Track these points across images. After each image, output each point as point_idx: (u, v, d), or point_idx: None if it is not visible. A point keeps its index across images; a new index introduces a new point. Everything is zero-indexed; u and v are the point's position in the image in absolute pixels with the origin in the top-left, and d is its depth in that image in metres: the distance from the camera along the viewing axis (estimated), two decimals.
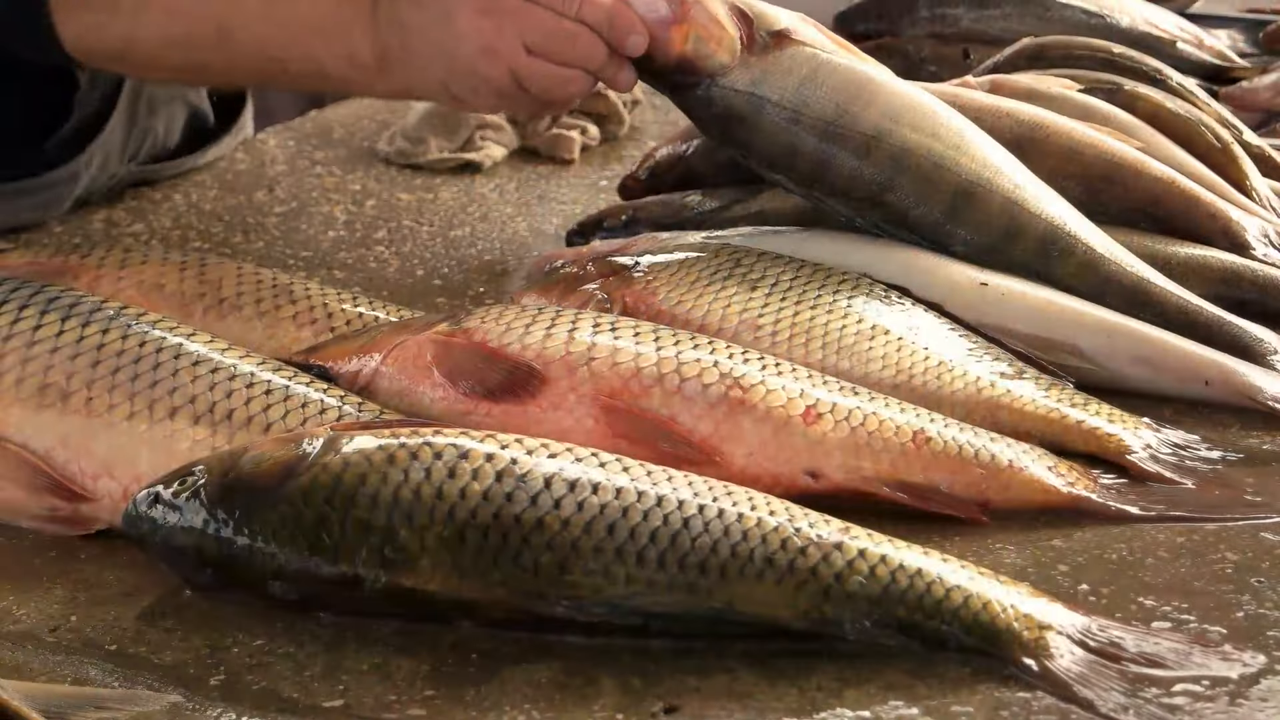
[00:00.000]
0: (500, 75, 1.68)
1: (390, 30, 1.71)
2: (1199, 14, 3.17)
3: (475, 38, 1.68)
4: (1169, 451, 1.59)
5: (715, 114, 1.77)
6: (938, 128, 1.79)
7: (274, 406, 1.40)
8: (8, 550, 1.39)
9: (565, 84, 1.70)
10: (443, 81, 1.72)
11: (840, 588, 1.25)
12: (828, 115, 1.76)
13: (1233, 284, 1.87)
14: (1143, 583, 1.38)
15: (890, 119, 1.77)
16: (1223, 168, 2.05)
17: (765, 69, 1.76)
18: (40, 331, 1.43)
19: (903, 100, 1.79)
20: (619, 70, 1.72)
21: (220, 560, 1.27)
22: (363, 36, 1.72)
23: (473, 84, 1.70)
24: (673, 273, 1.68)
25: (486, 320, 1.50)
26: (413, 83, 1.75)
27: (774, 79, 1.76)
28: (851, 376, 1.58)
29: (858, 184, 1.77)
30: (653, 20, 1.71)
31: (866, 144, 1.76)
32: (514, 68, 1.68)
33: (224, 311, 1.63)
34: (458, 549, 1.24)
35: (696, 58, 1.73)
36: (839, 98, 1.77)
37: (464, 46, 1.68)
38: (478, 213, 2.29)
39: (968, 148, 1.79)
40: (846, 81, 1.78)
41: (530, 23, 1.67)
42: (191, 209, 2.26)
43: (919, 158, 1.76)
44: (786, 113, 1.75)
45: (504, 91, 1.70)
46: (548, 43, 1.68)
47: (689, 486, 1.29)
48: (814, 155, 1.76)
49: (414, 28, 1.70)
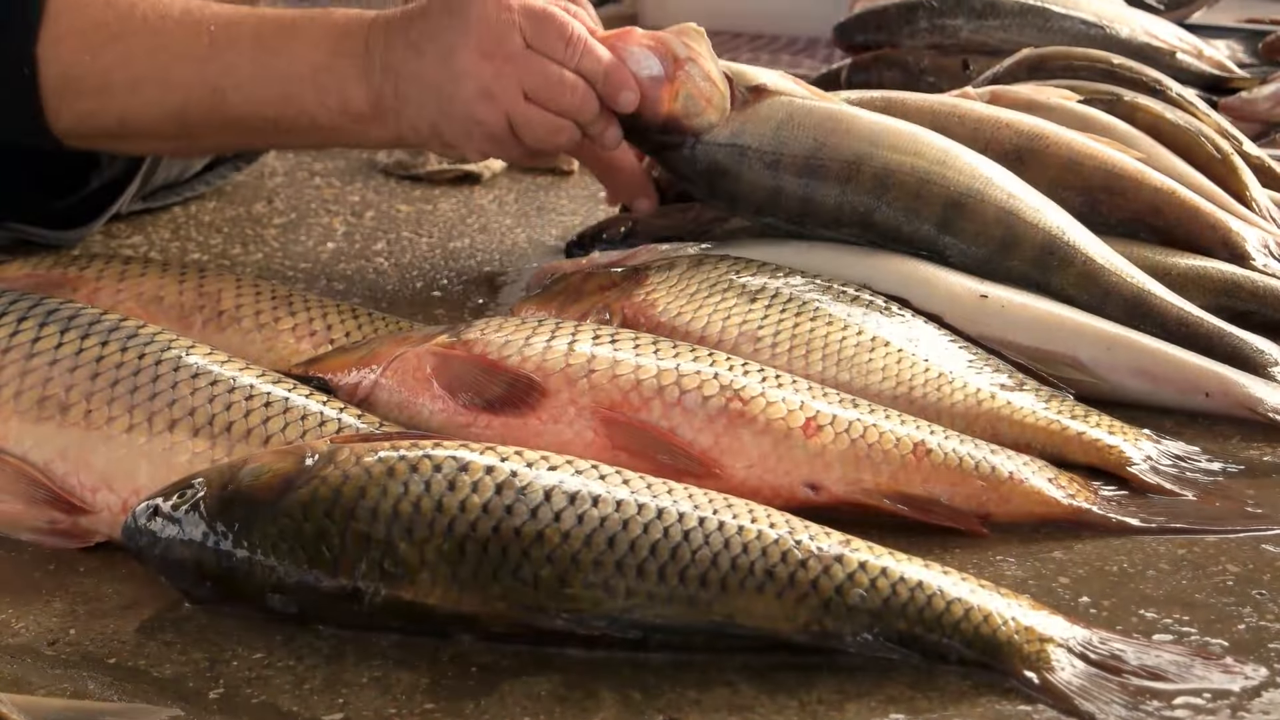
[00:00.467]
0: (496, 120, 1.70)
1: (385, 77, 1.72)
2: (1198, 25, 3.18)
3: (475, 80, 1.69)
4: (1169, 463, 1.59)
5: (700, 170, 1.80)
6: (919, 146, 1.80)
7: (273, 419, 1.40)
8: (7, 563, 1.38)
9: (556, 133, 1.72)
10: (435, 125, 1.73)
11: (841, 601, 1.25)
12: (807, 151, 1.78)
13: (1233, 295, 1.87)
14: (1144, 595, 1.38)
15: (870, 143, 1.79)
16: (1223, 179, 2.06)
17: (745, 120, 1.79)
18: (39, 344, 1.43)
19: (881, 126, 1.82)
20: (607, 127, 1.75)
21: (220, 573, 1.26)
22: (356, 85, 1.73)
23: (466, 128, 1.72)
24: (672, 284, 1.68)
25: (486, 332, 1.50)
26: (404, 129, 1.76)
27: (753, 127, 1.79)
28: (852, 388, 1.58)
29: (845, 211, 1.79)
30: (644, 78, 1.73)
31: (848, 171, 1.78)
32: (510, 112, 1.70)
33: (223, 324, 1.63)
34: (457, 562, 1.23)
35: (685, 116, 1.76)
36: (816, 133, 1.79)
37: (463, 88, 1.70)
38: (477, 224, 2.29)
39: (953, 162, 1.80)
40: (823, 118, 1.81)
41: (530, 69, 1.69)
42: (190, 220, 2.26)
43: (903, 176, 1.78)
44: (768, 156, 1.78)
45: (497, 137, 1.72)
46: (545, 90, 1.70)
47: (689, 499, 1.29)
48: (798, 192, 1.79)
49: (409, 73, 1.72)
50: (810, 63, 3.32)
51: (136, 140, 1.85)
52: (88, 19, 1.75)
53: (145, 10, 1.76)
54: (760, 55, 3.37)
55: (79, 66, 1.75)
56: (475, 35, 1.69)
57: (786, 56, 3.39)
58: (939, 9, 2.77)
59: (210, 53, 1.75)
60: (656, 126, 1.76)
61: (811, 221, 1.81)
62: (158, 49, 1.75)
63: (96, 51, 1.75)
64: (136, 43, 1.75)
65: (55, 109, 1.77)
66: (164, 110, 1.77)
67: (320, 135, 1.80)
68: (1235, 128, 2.29)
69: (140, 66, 1.75)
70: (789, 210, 1.80)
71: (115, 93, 1.76)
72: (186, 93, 1.76)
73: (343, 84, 1.73)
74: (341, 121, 1.76)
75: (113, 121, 1.78)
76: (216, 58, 1.75)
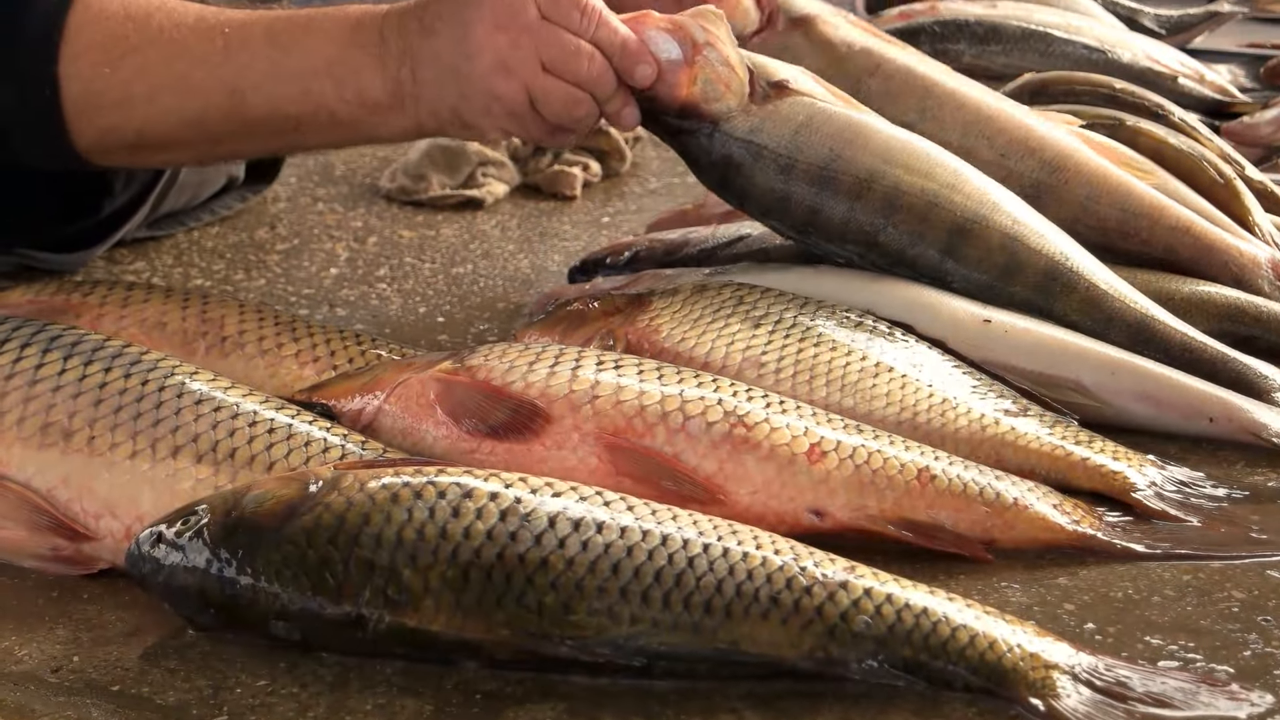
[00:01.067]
0: (514, 93, 1.67)
1: (401, 63, 1.70)
2: (1200, 49, 3.18)
3: (491, 53, 1.67)
4: (1174, 489, 1.58)
5: (714, 161, 1.78)
6: (932, 167, 1.79)
7: (277, 445, 1.40)
8: (10, 590, 1.38)
9: (576, 105, 1.68)
10: (454, 107, 1.71)
11: (846, 627, 1.25)
12: (821, 160, 1.76)
13: (1236, 320, 1.87)
14: (1149, 621, 1.38)
15: (883, 160, 1.77)
16: (1226, 203, 2.05)
17: (764, 117, 1.77)
18: (42, 370, 1.43)
19: (896, 142, 1.80)
20: (625, 104, 1.72)
21: (223, 600, 1.26)
22: (373, 74, 1.72)
23: (485, 104, 1.69)
24: (676, 310, 1.68)
25: (490, 358, 1.50)
26: (423, 115, 1.73)
27: (771, 126, 1.77)
28: (855, 414, 1.58)
29: (852, 227, 1.78)
30: (663, 61, 1.71)
31: (859, 186, 1.76)
32: (528, 84, 1.67)
33: (226, 350, 1.63)
34: (461, 589, 1.23)
35: (703, 101, 1.73)
36: (832, 143, 1.77)
37: (479, 62, 1.68)
38: (480, 249, 2.29)
39: (962, 186, 1.79)
40: (841, 127, 1.78)
41: (546, 39, 1.67)
42: (193, 246, 2.26)
43: (912, 198, 1.77)
44: (782, 159, 1.76)
45: (516, 112, 1.69)
46: (562, 61, 1.67)
47: (693, 525, 1.29)
48: (808, 201, 1.77)
49: (425, 57, 1.70)
50: None
51: (158, 151, 1.84)
52: (106, 33, 1.75)
53: (161, 20, 1.75)
54: None
55: (99, 81, 1.74)
56: (489, 9, 1.67)
57: None
58: (941, 34, 2.78)
59: (225, 56, 1.74)
60: (674, 111, 1.74)
61: (817, 233, 1.80)
62: (174, 57, 1.74)
63: (115, 64, 1.74)
64: (153, 53, 1.74)
65: (78, 127, 1.76)
66: (183, 118, 1.76)
67: (340, 130, 1.79)
68: (1237, 152, 2.29)
69: (158, 76, 1.74)
70: (796, 218, 1.79)
71: (135, 104, 1.75)
72: (205, 98, 1.75)
73: (359, 74, 1.72)
74: (361, 113, 1.75)
75: (134, 134, 1.77)
76: (231, 60, 1.74)
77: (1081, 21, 2.89)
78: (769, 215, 1.81)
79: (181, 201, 2.30)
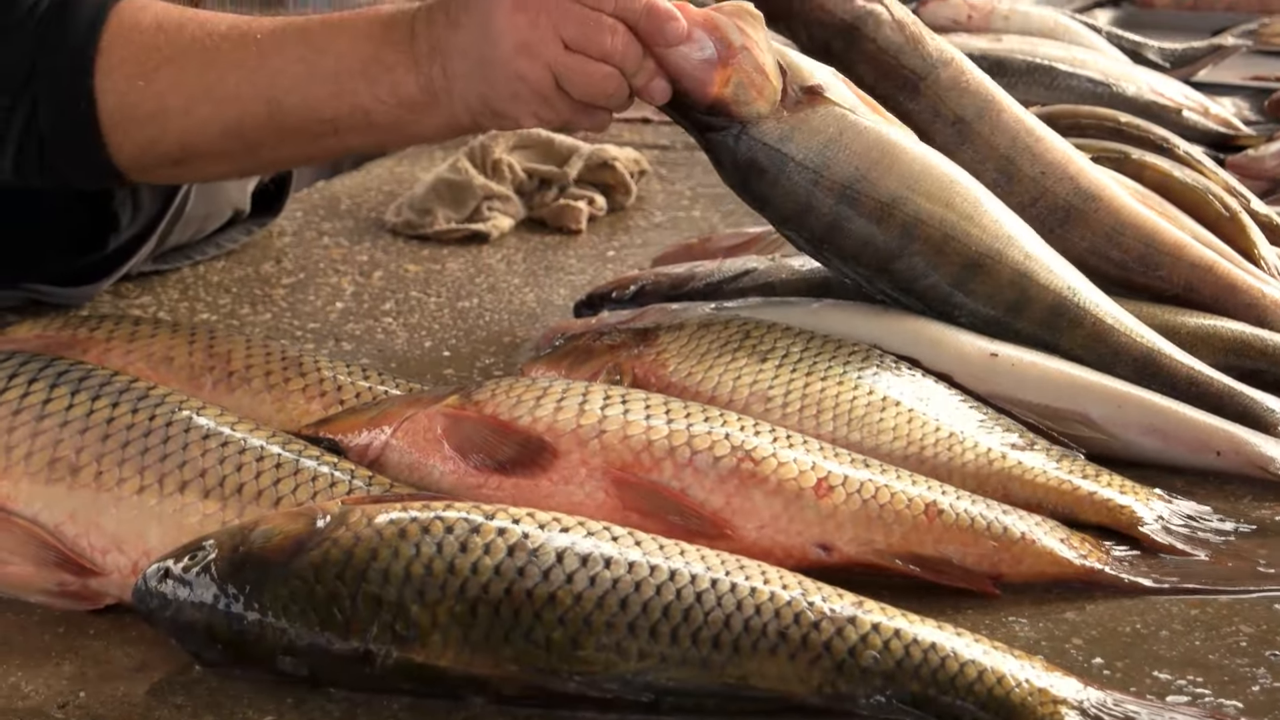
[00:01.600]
0: (539, 74, 1.66)
1: (431, 59, 1.70)
2: (1204, 82, 3.18)
3: (513, 34, 1.65)
4: (1181, 523, 1.58)
5: (738, 162, 1.75)
6: (952, 197, 1.78)
7: (284, 480, 1.40)
8: (16, 626, 1.38)
9: (603, 81, 1.65)
10: (483, 95, 1.69)
11: (854, 663, 1.25)
12: (846, 178, 1.74)
13: (1242, 353, 1.87)
14: (1157, 656, 1.38)
15: (907, 186, 1.75)
16: (1231, 237, 2.06)
17: (794, 125, 1.74)
18: (50, 405, 1.43)
19: (920, 165, 1.78)
20: (653, 76, 1.69)
21: (230, 635, 1.26)
22: (406, 72, 1.71)
23: (512, 88, 1.67)
24: (682, 344, 1.68)
25: (497, 393, 1.50)
26: (458, 109, 1.72)
27: (801, 136, 1.74)
28: (862, 448, 1.58)
29: (868, 250, 1.77)
30: (697, 60, 1.68)
31: (880, 211, 1.75)
32: (552, 63, 1.65)
33: (233, 385, 1.63)
34: (469, 624, 1.23)
35: (734, 103, 1.71)
36: (860, 161, 1.75)
37: (502, 45, 1.66)
38: (485, 283, 2.29)
39: (980, 218, 1.78)
40: (870, 145, 1.76)
41: (567, 15, 1.64)
42: (199, 281, 2.26)
43: (930, 228, 1.76)
44: (808, 172, 1.74)
45: (544, 93, 1.67)
46: (584, 35, 1.65)
47: (701, 560, 1.28)
48: (828, 217, 1.75)
49: (454, 49, 1.69)
50: None
51: (199, 163, 1.82)
52: (140, 45, 1.74)
53: (193, 30, 1.75)
54: None
55: (134, 93, 1.73)
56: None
57: None
58: None
59: (260, 61, 1.73)
60: (703, 107, 1.72)
61: (831, 250, 1.78)
62: (207, 66, 1.74)
63: (150, 76, 1.73)
64: (187, 63, 1.74)
65: (117, 142, 1.75)
66: (222, 127, 1.75)
67: (378, 131, 1.77)
68: (1242, 185, 2.30)
69: (193, 86, 1.74)
70: (813, 231, 1.77)
71: (172, 116, 1.74)
72: (241, 106, 1.74)
73: (393, 73, 1.71)
74: (397, 113, 1.74)
75: (174, 146, 1.76)
76: (265, 65, 1.73)
77: (1086, 55, 2.90)
78: (787, 224, 1.79)
79: (187, 235, 2.30)
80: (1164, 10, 4.43)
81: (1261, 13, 4.17)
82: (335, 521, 1.27)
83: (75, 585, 1.38)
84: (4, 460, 1.40)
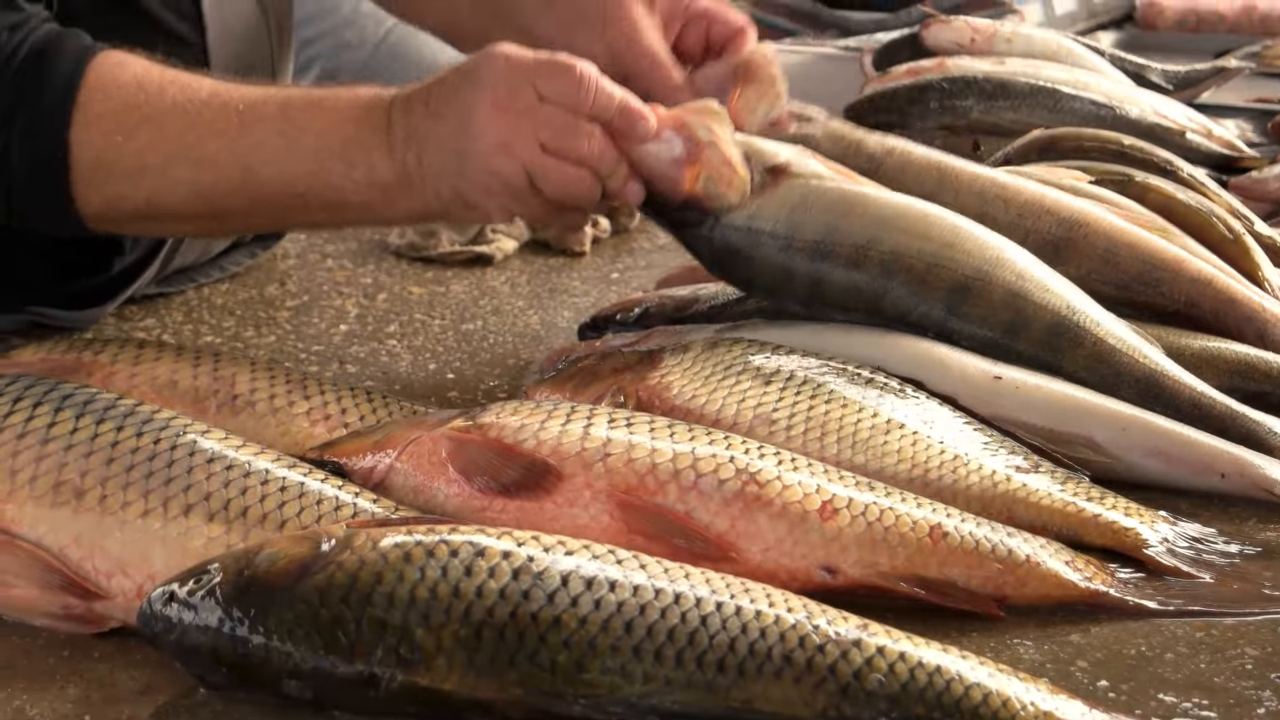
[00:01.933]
0: (515, 172, 1.70)
1: (408, 146, 1.73)
2: (1207, 105, 3.18)
3: (492, 133, 1.69)
4: (1186, 545, 1.58)
5: (715, 251, 1.81)
6: (929, 228, 1.80)
7: (289, 504, 1.40)
8: (21, 649, 1.38)
9: (576, 183, 1.71)
10: (456, 187, 1.73)
11: (859, 685, 1.24)
12: (818, 234, 1.79)
13: (1247, 376, 1.87)
14: (1162, 678, 1.38)
15: (879, 226, 1.79)
16: (1235, 259, 2.05)
17: (760, 204, 1.79)
18: (54, 429, 1.43)
19: (892, 208, 1.82)
20: (628, 179, 1.74)
21: (235, 659, 1.26)
22: (381, 156, 1.74)
23: (486, 183, 1.71)
24: (687, 367, 1.68)
25: (501, 416, 1.50)
26: (429, 197, 1.76)
27: (768, 210, 1.79)
28: (867, 471, 1.58)
29: (853, 295, 1.79)
30: (668, 160, 1.74)
31: (857, 254, 1.78)
32: (528, 163, 1.69)
33: (238, 408, 1.63)
34: (474, 647, 1.23)
35: (706, 198, 1.76)
36: (827, 216, 1.80)
37: (481, 142, 1.70)
38: (489, 306, 2.29)
39: (962, 244, 1.79)
40: (834, 201, 1.81)
41: (545, 120, 1.69)
42: (203, 304, 2.26)
43: (911, 259, 1.78)
44: (779, 240, 1.79)
45: (516, 190, 1.71)
46: (561, 138, 1.69)
47: (706, 583, 1.28)
48: (809, 274, 1.79)
49: (431, 140, 1.73)
50: None
51: (164, 221, 1.85)
52: (120, 101, 1.76)
53: (175, 93, 1.77)
54: None
55: (112, 149, 1.76)
56: (489, 90, 1.70)
57: None
58: (949, 90, 2.78)
59: (240, 131, 1.75)
60: (677, 205, 1.76)
61: (821, 304, 1.81)
62: (188, 129, 1.76)
63: (130, 133, 1.75)
64: (168, 124, 1.76)
65: (84, 194, 1.77)
66: (194, 190, 1.77)
67: (348, 211, 1.81)
68: (1246, 207, 2.30)
69: (172, 146, 1.76)
70: (799, 293, 1.81)
71: (147, 174, 1.76)
72: (217, 171, 1.76)
73: (369, 156, 1.74)
74: (369, 195, 1.77)
75: (142, 203, 1.78)
76: (246, 135, 1.75)
77: (1089, 78, 2.90)
78: (775, 295, 1.84)
79: (191, 258, 2.30)
80: (1167, 33, 4.42)
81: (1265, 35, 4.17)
82: (340, 545, 1.27)
83: (80, 608, 1.38)
84: (9, 484, 1.40)
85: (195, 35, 2.07)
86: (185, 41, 2.05)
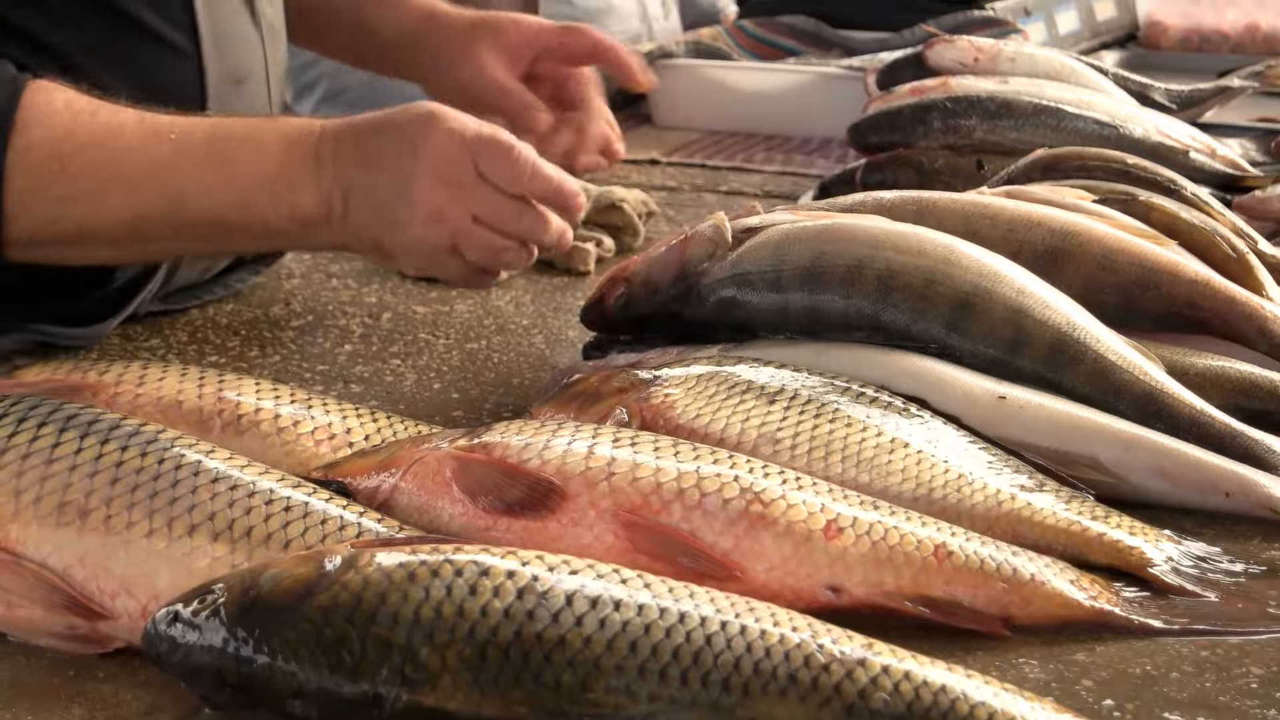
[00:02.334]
0: (441, 238, 1.81)
1: (335, 186, 1.81)
2: (1211, 124, 3.18)
3: (429, 204, 1.80)
4: (1191, 564, 1.58)
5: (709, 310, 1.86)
6: (923, 245, 1.81)
7: (293, 523, 1.40)
8: (26, 669, 1.38)
9: (501, 253, 1.83)
10: (378, 239, 1.83)
11: (864, 704, 1.24)
12: (807, 261, 1.81)
13: (1250, 395, 1.87)
14: (1168, 698, 1.37)
15: (871, 246, 1.80)
16: (1239, 278, 2.05)
17: (742, 252, 1.84)
18: (59, 449, 1.43)
19: (882, 230, 1.83)
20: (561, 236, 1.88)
21: (240, 679, 1.26)
22: (307, 191, 1.82)
23: (412, 246, 1.82)
24: (691, 386, 1.68)
25: (506, 435, 1.50)
26: (347, 236, 1.86)
27: (750, 254, 1.83)
28: (871, 490, 1.58)
29: (852, 315, 1.80)
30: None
31: (850, 275, 1.79)
32: (456, 232, 1.80)
33: (242, 427, 1.63)
34: (479, 667, 1.23)
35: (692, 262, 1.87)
36: (814, 244, 1.82)
37: (416, 211, 1.81)
38: (494, 325, 2.29)
39: (959, 260, 1.80)
40: (820, 230, 1.84)
41: (480, 197, 1.81)
42: (208, 323, 2.27)
43: (908, 276, 1.78)
44: (768, 275, 1.81)
45: (438, 254, 1.84)
46: (495, 215, 1.81)
47: (711, 603, 1.28)
48: (804, 302, 1.81)
49: (361, 189, 1.80)
50: (824, 163, 3.33)
51: (90, 248, 1.89)
52: (58, 127, 1.80)
53: (106, 119, 1.82)
54: (774, 155, 3.38)
55: (48, 175, 1.79)
56: (430, 162, 1.79)
57: (800, 157, 3.40)
58: (952, 109, 2.78)
59: (172, 159, 1.81)
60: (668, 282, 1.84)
61: (822, 329, 1.82)
62: (122, 156, 1.80)
63: (67, 159, 1.79)
64: (101, 152, 1.80)
65: (15, 216, 1.79)
66: (123, 217, 1.82)
67: (269, 239, 1.90)
68: (1250, 226, 2.29)
69: (107, 174, 1.80)
70: (799, 323, 1.82)
71: (80, 200, 1.80)
72: (147, 198, 1.81)
73: (294, 190, 1.82)
74: (291, 226, 1.85)
75: (72, 229, 1.82)
76: (177, 164, 1.81)
77: (1093, 97, 2.90)
78: (775, 330, 1.85)
79: (195, 273, 2.31)
80: (1170, 52, 4.43)
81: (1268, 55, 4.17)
82: (344, 565, 1.27)
83: (84, 628, 1.38)
84: (13, 504, 1.40)
85: (190, 45, 2.08)
86: (180, 51, 2.06)
